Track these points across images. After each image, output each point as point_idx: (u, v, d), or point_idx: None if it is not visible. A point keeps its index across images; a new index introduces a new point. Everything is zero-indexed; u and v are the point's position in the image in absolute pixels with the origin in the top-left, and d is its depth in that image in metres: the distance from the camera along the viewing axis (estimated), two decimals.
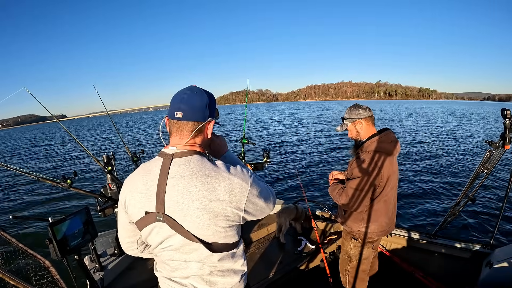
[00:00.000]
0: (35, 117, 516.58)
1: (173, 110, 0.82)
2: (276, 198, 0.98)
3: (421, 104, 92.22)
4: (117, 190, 2.08)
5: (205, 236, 0.82)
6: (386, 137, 1.59)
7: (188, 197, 0.78)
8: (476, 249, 2.13)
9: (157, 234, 0.85)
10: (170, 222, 0.81)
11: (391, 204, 1.67)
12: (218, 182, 0.79)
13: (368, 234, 1.68)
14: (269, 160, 2.61)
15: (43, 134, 38.98)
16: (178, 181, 0.79)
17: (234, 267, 0.92)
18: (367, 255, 1.79)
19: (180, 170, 0.80)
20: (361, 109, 1.66)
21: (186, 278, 0.89)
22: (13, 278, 1.27)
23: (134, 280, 1.99)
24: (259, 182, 0.89)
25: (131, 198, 0.86)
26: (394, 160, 1.62)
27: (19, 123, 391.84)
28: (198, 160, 0.82)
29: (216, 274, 0.89)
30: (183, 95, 0.83)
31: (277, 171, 8.40)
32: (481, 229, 4.56)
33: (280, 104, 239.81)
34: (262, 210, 0.90)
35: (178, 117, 0.82)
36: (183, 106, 0.81)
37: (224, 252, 0.88)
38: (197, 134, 0.85)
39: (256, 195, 0.85)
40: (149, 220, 0.83)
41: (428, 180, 7.12)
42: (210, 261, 0.86)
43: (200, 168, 0.80)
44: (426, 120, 26.52)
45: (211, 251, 0.84)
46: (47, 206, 6.75)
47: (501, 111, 1.64)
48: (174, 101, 0.83)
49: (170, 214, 0.80)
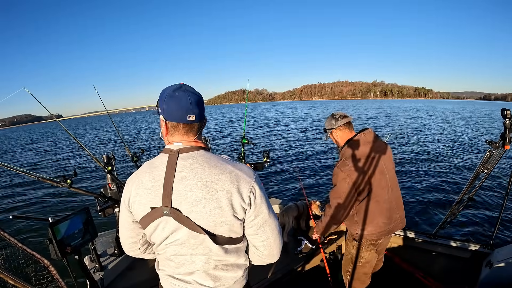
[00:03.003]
0: (31, 117, 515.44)
1: (185, 113, 0.83)
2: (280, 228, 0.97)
3: (417, 104, 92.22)
4: (117, 190, 2.08)
5: (211, 227, 0.83)
6: (362, 139, 1.62)
7: (196, 188, 0.80)
8: (476, 249, 2.13)
9: (163, 229, 0.85)
10: (177, 215, 0.82)
11: (386, 203, 1.65)
12: (225, 173, 0.82)
13: (367, 236, 1.68)
14: (269, 160, 2.61)
15: (41, 134, 38.98)
16: (186, 174, 0.82)
17: (238, 262, 0.92)
18: (370, 259, 1.77)
19: (187, 164, 0.83)
20: (333, 119, 1.74)
21: (190, 274, 0.89)
22: (13, 278, 1.27)
23: (134, 280, 1.99)
24: (264, 188, 0.91)
25: (136, 195, 0.86)
26: (380, 159, 1.62)
27: (15, 123, 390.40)
28: (204, 154, 0.86)
29: (221, 268, 0.89)
30: (191, 98, 0.83)
31: (277, 171, 8.40)
32: (481, 229, 4.56)
33: (279, 103, 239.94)
34: (263, 210, 0.89)
35: (191, 120, 0.84)
36: (195, 109, 0.84)
37: (228, 245, 0.88)
38: (201, 132, 0.91)
39: (259, 191, 0.87)
40: (155, 215, 0.84)
41: (428, 180, 7.12)
42: (216, 255, 0.87)
43: (207, 161, 0.84)
44: (425, 120, 26.53)
45: (216, 244, 0.85)
46: (47, 206, 6.74)
47: (501, 111, 1.64)
48: (181, 104, 0.82)
49: (177, 206, 0.82)
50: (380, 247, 1.78)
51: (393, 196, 1.69)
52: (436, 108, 51.12)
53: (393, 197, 1.69)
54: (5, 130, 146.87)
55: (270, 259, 0.98)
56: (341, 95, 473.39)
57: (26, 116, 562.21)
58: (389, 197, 1.67)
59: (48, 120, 3.34)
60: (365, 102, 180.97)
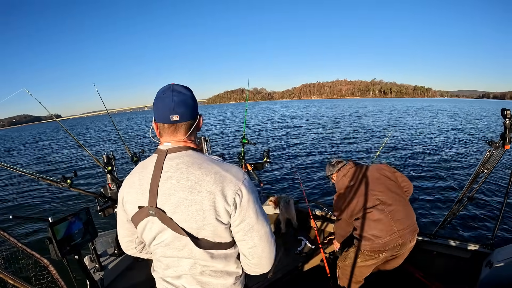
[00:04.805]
0: (29, 117, 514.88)
1: (167, 114, 0.82)
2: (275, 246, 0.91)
3: (416, 102, 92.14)
4: (117, 190, 2.08)
5: (193, 230, 0.81)
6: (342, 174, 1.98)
7: (179, 189, 0.79)
8: (476, 249, 2.13)
9: (150, 229, 0.85)
10: (161, 215, 0.81)
11: (378, 218, 1.76)
12: (209, 174, 0.79)
13: (363, 247, 1.82)
14: (269, 160, 2.61)
15: (40, 134, 38.96)
16: (172, 174, 0.80)
17: (227, 269, 0.89)
18: (363, 265, 1.86)
19: (173, 164, 0.82)
20: (331, 166, 2.13)
21: (178, 278, 0.88)
22: (13, 278, 1.27)
23: (134, 280, 1.99)
24: (255, 191, 0.86)
25: (127, 194, 0.88)
26: (361, 183, 1.85)
27: (14, 123, 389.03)
28: (192, 154, 0.84)
29: (208, 274, 0.87)
30: (173, 98, 0.82)
31: (277, 171, 8.40)
32: (481, 229, 4.56)
33: (278, 102, 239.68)
34: (250, 215, 0.82)
35: (174, 120, 0.82)
36: (178, 108, 0.82)
37: (214, 250, 0.85)
38: (192, 132, 0.87)
39: (247, 194, 0.81)
40: (142, 215, 0.84)
41: (428, 180, 7.11)
42: (202, 260, 0.84)
43: (193, 161, 0.82)
44: (425, 119, 26.53)
45: (199, 247, 0.82)
46: (47, 206, 6.74)
47: (501, 111, 1.64)
48: (164, 104, 0.82)
49: (161, 207, 0.81)
50: (378, 257, 1.82)
51: (388, 209, 1.76)
52: (434, 107, 51.17)
53: (387, 209, 1.75)
54: (5, 130, 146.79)
55: (260, 269, 0.92)
56: (340, 94, 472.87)
57: (25, 117, 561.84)
58: (381, 211, 1.76)
59: (47, 120, 3.37)
60: (364, 100, 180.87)
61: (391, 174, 1.90)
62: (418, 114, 34.49)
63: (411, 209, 1.86)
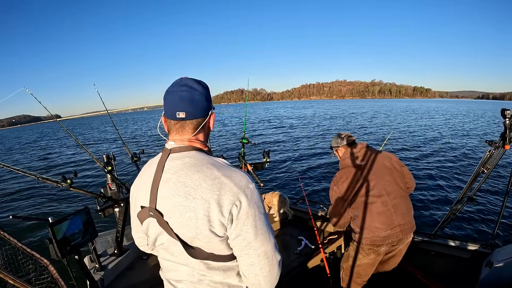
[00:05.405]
0: (29, 117, 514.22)
1: (174, 110, 0.77)
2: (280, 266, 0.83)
3: (415, 103, 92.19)
4: (117, 190, 2.08)
5: (187, 238, 0.76)
6: (355, 152, 1.82)
7: (175, 193, 0.74)
8: (476, 249, 2.13)
9: (151, 230, 0.84)
10: (159, 218, 0.78)
11: (381, 209, 1.72)
12: (207, 179, 0.72)
13: (363, 240, 1.76)
14: (269, 160, 2.61)
15: (40, 134, 38.95)
16: (171, 176, 0.76)
17: (228, 281, 0.82)
18: (364, 262, 1.83)
19: (174, 164, 0.78)
20: (339, 138, 1.95)
21: (179, 282, 0.85)
22: (13, 278, 1.27)
23: (134, 280, 1.98)
24: (260, 204, 0.77)
25: (134, 192, 0.88)
26: (372, 168, 1.75)
27: (14, 123, 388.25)
28: (195, 155, 0.78)
29: (207, 284, 0.81)
30: (182, 93, 0.77)
31: (277, 171, 8.40)
32: (481, 229, 4.56)
33: (278, 103, 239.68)
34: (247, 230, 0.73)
35: (181, 117, 0.78)
36: (185, 105, 0.77)
37: (210, 261, 0.79)
38: (200, 130, 0.82)
39: (247, 206, 0.72)
40: (144, 215, 0.83)
41: (428, 180, 7.12)
42: (199, 268, 0.80)
43: (194, 164, 0.76)
44: (424, 119, 26.52)
45: (192, 256, 0.77)
46: (47, 206, 6.74)
47: (501, 111, 1.64)
48: (172, 100, 0.78)
49: (159, 209, 0.78)
50: (385, 256, 1.83)
51: (392, 201, 1.74)
52: (434, 107, 51.16)
53: (391, 202, 1.73)
54: (4, 130, 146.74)
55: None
56: (340, 95, 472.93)
57: (24, 117, 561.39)
58: (384, 203, 1.72)
59: (47, 120, 3.40)
60: (364, 101, 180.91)
61: (399, 167, 1.86)
62: (418, 114, 34.49)
63: (411, 205, 1.85)
